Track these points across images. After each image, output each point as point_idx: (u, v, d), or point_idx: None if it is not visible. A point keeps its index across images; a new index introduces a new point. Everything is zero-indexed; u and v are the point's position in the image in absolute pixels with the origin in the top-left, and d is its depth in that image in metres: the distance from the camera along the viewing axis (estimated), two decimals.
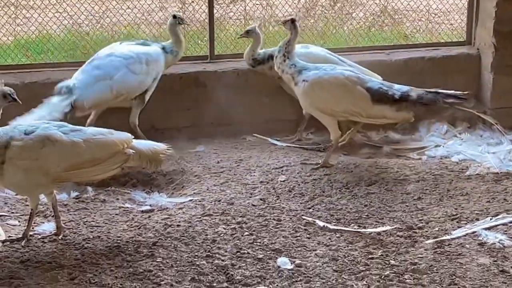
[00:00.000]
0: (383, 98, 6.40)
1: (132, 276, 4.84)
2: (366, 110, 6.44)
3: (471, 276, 4.86)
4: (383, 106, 6.40)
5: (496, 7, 7.35)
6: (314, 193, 6.05)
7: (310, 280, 4.80)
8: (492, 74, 7.48)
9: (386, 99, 6.39)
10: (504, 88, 7.40)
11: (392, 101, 6.39)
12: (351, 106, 6.46)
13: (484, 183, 6.25)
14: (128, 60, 6.80)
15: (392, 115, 6.46)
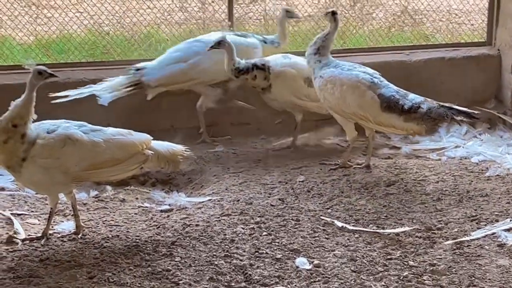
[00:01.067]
0: (392, 107, 6.27)
1: (151, 275, 4.85)
2: (374, 116, 6.35)
3: (490, 277, 4.84)
4: (391, 114, 6.28)
5: None
6: (332, 194, 6.04)
7: (328, 281, 4.79)
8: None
9: (395, 108, 6.25)
10: None
11: (400, 111, 6.24)
12: (359, 110, 6.39)
13: (504, 184, 6.22)
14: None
15: (400, 125, 6.31)
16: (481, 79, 7.60)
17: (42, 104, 5.62)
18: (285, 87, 6.82)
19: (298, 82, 6.86)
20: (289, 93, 6.85)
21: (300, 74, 6.84)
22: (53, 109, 6.51)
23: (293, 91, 6.85)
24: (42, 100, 5.76)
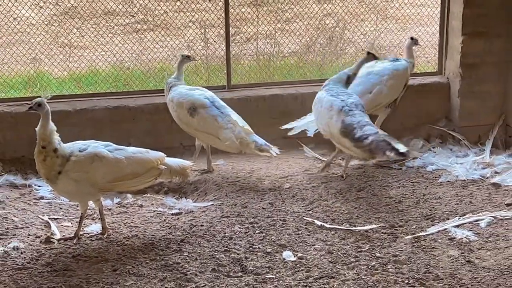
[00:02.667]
0: (347, 133, 6.07)
1: (164, 267, 4.86)
2: (335, 136, 6.27)
3: (442, 265, 4.86)
4: (345, 139, 6.10)
5: (461, 44, 7.34)
6: (313, 198, 6.03)
7: (310, 270, 4.80)
8: (459, 99, 7.46)
9: (349, 135, 6.05)
10: (469, 110, 7.40)
11: (352, 138, 6.03)
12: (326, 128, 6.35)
13: (453, 188, 6.23)
14: (382, 76, 6.95)
15: (352, 149, 6.13)
16: (434, 102, 7.60)
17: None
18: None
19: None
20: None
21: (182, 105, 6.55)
22: (82, 130, 6.53)
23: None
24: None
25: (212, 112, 6.46)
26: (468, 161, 6.74)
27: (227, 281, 4.68)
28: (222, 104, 6.59)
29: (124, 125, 7.08)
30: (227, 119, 6.43)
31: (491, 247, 5.12)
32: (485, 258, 4.96)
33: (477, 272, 4.76)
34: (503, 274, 4.72)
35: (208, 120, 6.44)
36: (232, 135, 6.36)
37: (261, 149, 6.36)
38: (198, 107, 6.47)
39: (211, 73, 8.22)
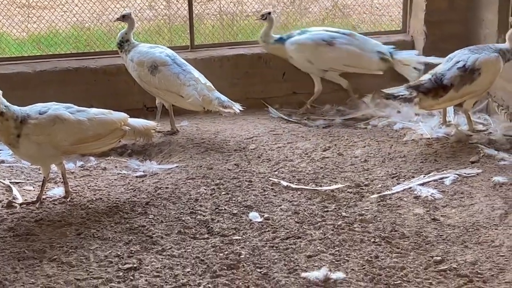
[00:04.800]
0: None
1: (129, 230, 4.82)
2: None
3: (408, 224, 4.88)
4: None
5: (426, 1, 7.33)
6: (279, 159, 6.02)
7: (277, 231, 4.80)
8: None
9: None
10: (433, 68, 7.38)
11: None
12: None
13: (418, 147, 6.25)
14: None
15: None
16: None
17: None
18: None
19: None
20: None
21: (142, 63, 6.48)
22: (43, 92, 6.43)
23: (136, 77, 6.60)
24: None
25: (173, 70, 6.40)
26: (433, 120, 6.75)
27: (193, 243, 4.66)
28: (183, 62, 6.53)
29: (85, 87, 6.97)
30: (189, 76, 6.38)
31: (456, 204, 5.16)
32: (450, 215, 5.00)
33: (442, 229, 4.80)
34: (468, 231, 4.76)
35: (169, 78, 6.37)
36: (194, 92, 6.30)
37: (224, 105, 6.31)
38: (159, 65, 6.39)
39: (173, 33, 8.10)
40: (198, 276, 4.28)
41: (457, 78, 6.04)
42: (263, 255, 4.50)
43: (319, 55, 6.98)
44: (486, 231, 4.76)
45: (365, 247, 4.58)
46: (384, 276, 4.25)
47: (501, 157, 5.92)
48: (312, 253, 4.51)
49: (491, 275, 4.24)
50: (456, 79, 6.04)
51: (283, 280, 4.22)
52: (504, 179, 5.48)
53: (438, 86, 6.01)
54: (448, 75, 6.04)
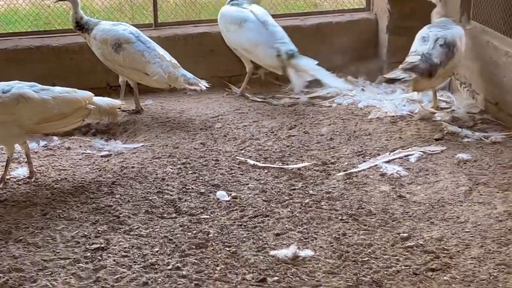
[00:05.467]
0: None
1: (96, 210, 4.79)
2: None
3: (375, 201, 4.93)
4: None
5: None
6: (245, 137, 6.02)
7: (244, 209, 4.81)
8: (387, 35, 7.48)
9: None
10: (397, 46, 7.39)
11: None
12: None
13: (383, 125, 6.29)
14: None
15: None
16: (362, 39, 7.62)
17: None
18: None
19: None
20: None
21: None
22: (4, 71, 6.33)
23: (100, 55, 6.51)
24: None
25: (138, 47, 6.34)
26: (397, 98, 6.79)
27: (161, 223, 4.65)
28: (148, 39, 6.47)
29: (47, 65, 6.88)
30: (153, 53, 6.33)
31: (421, 181, 5.21)
32: (415, 192, 5.05)
33: (408, 206, 4.85)
34: (434, 208, 4.82)
35: (134, 56, 6.31)
36: (160, 69, 6.26)
37: (190, 82, 6.29)
38: (123, 43, 6.33)
39: (136, 10, 8.01)
40: (166, 255, 4.28)
41: (443, 55, 6.11)
42: (232, 233, 4.51)
43: (226, 33, 6.97)
44: (451, 207, 4.82)
45: (333, 224, 4.62)
46: (352, 253, 4.29)
47: (464, 134, 5.98)
48: (280, 231, 4.53)
49: (457, 251, 4.31)
50: (443, 56, 6.10)
51: (252, 258, 4.24)
52: (468, 156, 5.55)
53: (430, 66, 6.05)
54: (435, 54, 6.08)
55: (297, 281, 4.02)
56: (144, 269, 4.13)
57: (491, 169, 5.37)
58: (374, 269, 4.12)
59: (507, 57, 6.13)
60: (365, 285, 3.98)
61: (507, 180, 5.17)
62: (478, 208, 4.81)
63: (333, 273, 4.09)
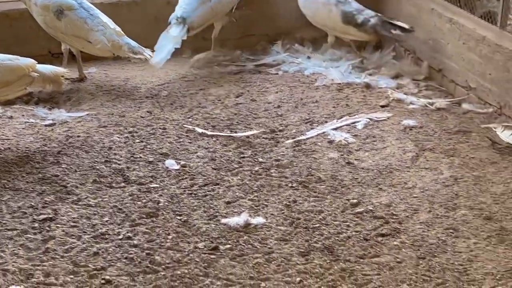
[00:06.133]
0: (350, 21, 6.72)
1: (42, 180, 4.71)
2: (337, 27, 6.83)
3: (323, 167, 4.95)
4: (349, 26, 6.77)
5: None
6: (192, 105, 5.97)
7: (194, 178, 4.79)
8: None
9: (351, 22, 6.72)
10: None
11: (355, 24, 6.69)
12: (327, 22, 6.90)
13: (329, 92, 6.30)
14: None
15: (357, 34, 6.80)
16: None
17: None
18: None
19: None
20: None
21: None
22: None
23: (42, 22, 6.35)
24: None
25: (80, 14, 6.19)
26: (343, 65, 6.81)
27: (110, 192, 4.59)
28: (90, 6, 6.33)
29: None
30: (96, 21, 6.19)
31: (368, 148, 5.26)
32: (363, 159, 5.10)
33: (357, 173, 4.89)
34: (382, 174, 4.88)
35: (76, 23, 6.17)
36: (103, 37, 6.13)
37: (134, 51, 6.18)
38: (65, 9, 6.18)
39: None
40: (117, 225, 4.24)
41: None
42: (182, 202, 4.49)
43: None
44: (399, 173, 4.88)
45: (283, 192, 4.64)
46: (303, 220, 4.31)
47: (409, 101, 6.05)
48: (231, 199, 4.53)
49: (406, 216, 4.37)
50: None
51: (204, 226, 4.23)
52: (414, 122, 5.62)
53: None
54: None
55: (249, 249, 4.03)
56: (94, 239, 4.09)
57: (436, 135, 5.45)
58: (325, 235, 4.16)
59: (451, 24, 6.21)
60: (317, 251, 4.01)
61: (452, 146, 5.26)
62: (425, 173, 4.88)
63: (285, 240, 4.12)
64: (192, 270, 3.84)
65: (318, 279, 3.79)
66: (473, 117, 5.74)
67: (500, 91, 5.67)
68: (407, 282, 3.78)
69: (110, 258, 3.92)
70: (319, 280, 3.78)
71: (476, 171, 4.91)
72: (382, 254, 4.00)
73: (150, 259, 3.92)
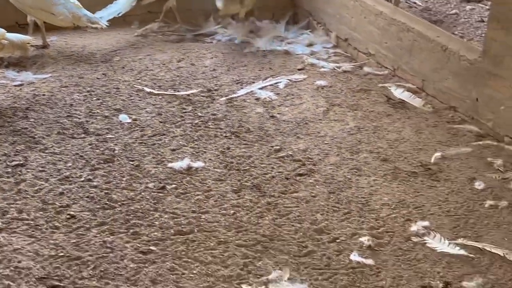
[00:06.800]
0: None
1: (13, 132, 4.57)
2: None
3: (252, 120, 4.95)
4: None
5: None
6: (140, 69, 5.85)
7: (144, 129, 4.72)
8: None
9: None
10: None
11: None
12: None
13: (256, 57, 6.27)
14: None
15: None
16: None
17: None
18: None
19: None
20: None
21: None
22: None
23: None
24: None
25: None
26: (268, 36, 6.75)
27: (72, 142, 4.50)
28: None
29: None
30: None
31: (288, 104, 5.27)
32: (284, 113, 5.11)
33: (279, 124, 4.91)
34: (299, 125, 4.91)
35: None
36: (65, 10, 5.94)
37: (92, 21, 6.05)
38: None
39: None
40: (79, 169, 4.16)
41: None
42: (134, 150, 4.43)
43: None
44: (313, 124, 4.92)
45: (219, 140, 4.62)
46: (235, 163, 4.32)
47: (321, 65, 6.07)
48: (176, 147, 4.49)
49: (319, 159, 4.43)
50: None
51: (153, 170, 4.19)
52: (325, 82, 5.66)
53: None
54: None
55: (191, 187, 4.02)
56: (59, 182, 4.01)
57: (343, 93, 5.50)
58: (253, 175, 4.18)
59: (355, 1, 6.23)
60: (247, 189, 4.04)
61: (355, 102, 5.33)
62: (334, 124, 4.94)
63: (221, 180, 4.12)
64: (144, 206, 3.81)
65: (248, 211, 3.81)
66: (372, 78, 5.81)
67: (394, 57, 5.75)
68: (320, 212, 3.84)
69: (74, 197, 3.86)
70: (249, 212, 3.81)
71: (375, 122, 4.99)
72: (300, 190, 4.05)
73: (108, 198, 3.87)
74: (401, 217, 3.81)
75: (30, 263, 3.29)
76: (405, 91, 5.42)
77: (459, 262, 3.44)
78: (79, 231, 3.57)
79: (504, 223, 3.78)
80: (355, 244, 3.54)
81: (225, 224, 3.67)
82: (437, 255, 3.49)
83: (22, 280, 3.17)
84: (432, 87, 5.32)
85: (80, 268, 3.28)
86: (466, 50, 5.00)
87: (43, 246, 3.43)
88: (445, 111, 5.14)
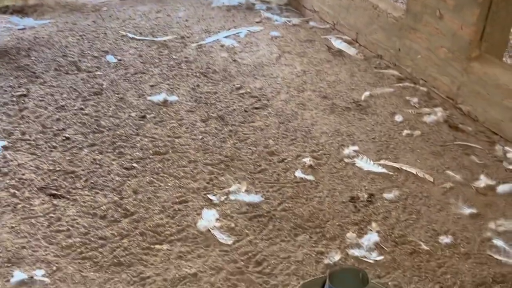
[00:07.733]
0: None
1: (17, 68, 4.35)
2: None
3: (218, 63, 4.80)
4: None
5: None
6: (125, 17, 5.56)
7: (127, 68, 4.54)
8: None
9: None
10: None
11: None
12: None
13: (222, 11, 6.03)
14: None
15: None
16: None
17: None
18: None
19: None
20: None
21: None
22: None
23: None
24: None
25: None
26: None
27: (66, 77, 4.30)
28: None
29: None
30: None
31: (248, 50, 5.12)
32: (244, 58, 4.97)
33: (240, 67, 4.78)
34: (257, 68, 4.79)
35: None
36: None
37: None
38: None
39: None
40: (72, 100, 4.00)
41: None
42: (119, 85, 4.27)
43: None
44: (268, 68, 4.81)
45: (190, 79, 4.49)
46: (204, 98, 4.21)
47: (275, 19, 5.88)
48: (154, 84, 4.34)
49: (272, 96, 4.34)
50: None
51: (135, 102, 4.05)
52: (278, 33, 5.50)
53: None
54: None
55: (167, 117, 3.92)
56: (56, 110, 3.85)
57: (292, 42, 5.37)
58: (219, 108, 4.09)
59: None
60: (213, 119, 3.95)
61: (303, 50, 5.21)
62: (285, 68, 4.83)
63: (191, 111, 4.02)
64: (127, 131, 3.70)
65: (214, 137, 3.74)
66: (316, 31, 5.68)
67: (334, 13, 5.62)
68: (272, 138, 3.79)
69: (69, 122, 3.71)
70: (215, 137, 3.74)
71: (317, 66, 4.91)
72: (256, 121, 3.98)
73: (97, 123, 3.74)
74: (336, 143, 3.79)
75: (32, 176, 3.18)
76: (343, 42, 5.32)
77: (381, 178, 3.46)
78: (73, 150, 3.45)
79: (417, 148, 3.80)
80: (299, 164, 3.52)
81: (195, 147, 3.59)
82: (364, 172, 3.50)
83: (26, 189, 3.07)
84: (364, 39, 5.23)
85: (74, 180, 3.18)
86: (393, 9, 4.90)
87: (43, 162, 3.30)
88: (373, 58, 5.08)
